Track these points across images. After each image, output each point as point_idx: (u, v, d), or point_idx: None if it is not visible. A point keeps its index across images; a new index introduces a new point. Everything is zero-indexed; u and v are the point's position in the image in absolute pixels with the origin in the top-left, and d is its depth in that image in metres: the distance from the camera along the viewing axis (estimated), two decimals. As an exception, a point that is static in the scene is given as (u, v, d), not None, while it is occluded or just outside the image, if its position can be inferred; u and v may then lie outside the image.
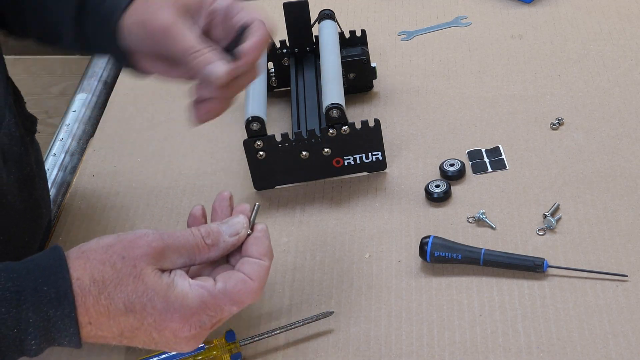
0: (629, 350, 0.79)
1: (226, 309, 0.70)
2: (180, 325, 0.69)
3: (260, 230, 0.74)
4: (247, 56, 0.77)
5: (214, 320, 0.70)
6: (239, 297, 0.71)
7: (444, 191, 0.97)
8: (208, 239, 0.72)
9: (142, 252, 0.68)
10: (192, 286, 0.69)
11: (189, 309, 0.69)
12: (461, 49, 1.22)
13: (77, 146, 1.17)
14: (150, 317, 0.68)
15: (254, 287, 0.71)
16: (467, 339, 0.83)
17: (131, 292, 0.68)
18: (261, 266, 0.72)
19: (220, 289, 0.70)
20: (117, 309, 0.68)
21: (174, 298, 0.68)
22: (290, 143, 0.98)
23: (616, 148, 1.01)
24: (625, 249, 0.89)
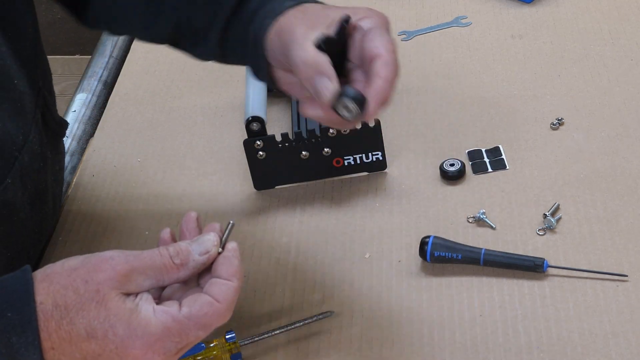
0: (629, 350, 0.79)
1: (192, 334, 0.67)
2: (143, 352, 0.66)
3: (230, 250, 0.70)
4: (369, 109, 0.75)
5: (179, 346, 0.67)
6: (204, 320, 0.67)
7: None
8: (177, 258, 0.69)
9: (106, 277, 0.66)
10: (156, 312, 0.66)
11: (151, 336, 0.66)
12: (461, 49, 1.22)
13: (77, 146, 1.17)
14: (111, 343, 0.66)
15: (220, 309, 0.67)
16: (467, 339, 0.83)
17: (93, 317, 0.65)
18: (229, 287, 0.68)
19: (185, 313, 0.67)
20: (79, 335, 0.66)
21: (137, 324, 0.66)
22: (290, 143, 0.98)
23: (616, 148, 1.01)
24: (625, 249, 0.89)
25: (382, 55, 0.75)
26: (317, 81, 0.75)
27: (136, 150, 1.12)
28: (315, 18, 0.78)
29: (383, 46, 0.75)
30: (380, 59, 0.75)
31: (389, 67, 0.75)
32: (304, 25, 0.78)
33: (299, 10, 0.81)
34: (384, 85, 0.74)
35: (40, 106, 0.90)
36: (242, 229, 0.98)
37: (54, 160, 0.95)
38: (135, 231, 0.99)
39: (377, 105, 0.74)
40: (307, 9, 0.81)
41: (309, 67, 0.75)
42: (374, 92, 0.74)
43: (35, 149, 0.87)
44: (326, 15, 0.79)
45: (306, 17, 0.79)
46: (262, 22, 0.81)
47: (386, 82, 0.74)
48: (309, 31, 0.77)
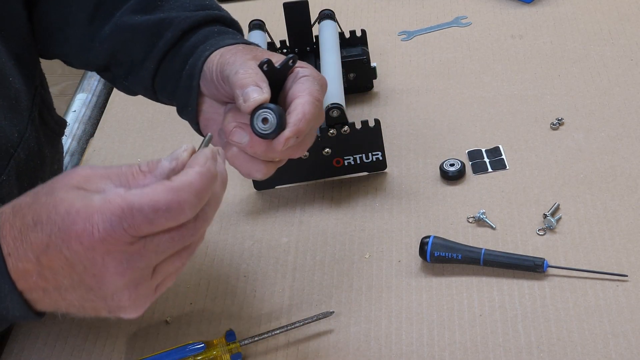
0: (629, 350, 0.79)
1: (137, 210, 0.61)
2: (82, 225, 0.61)
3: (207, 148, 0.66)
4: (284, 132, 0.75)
5: (124, 224, 0.61)
6: (152, 195, 0.61)
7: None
8: (144, 166, 0.64)
9: (64, 176, 0.64)
10: (104, 192, 0.62)
11: (90, 207, 0.61)
12: (461, 49, 1.22)
13: (77, 146, 1.17)
14: (54, 225, 0.62)
15: (172, 185, 0.61)
16: (467, 339, 0.83)
17: (41, 205, 0.63)
18: (186, 171, 0.63)
19: (132, 192, 0.62)
20: (27, 226, 0.63)
21: (80, 201, 0.62)
22: (290, 143, 0.98)
23: (616, 148, 1.01)
24: (625, 249, 0.89)
25: (304, 96, 0.76)
26: (250, 88, 0.75)
27: (136, 150, 1.12)
28: (260, 54, 0.80)
29: (307, 89, 0.76)
30: (302, 97, 0.76)
31: (307, 106, 0.75)
32: (248, 54, 0.79)
33: (243, 46, 0.83)
34: (301, 118, 0.74)
35: (37, 104, 0.91)
36: (242, 229, 0.98)
37: (53, 159, 0.95)
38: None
39: (291, 133, 0.74)
40: (252, 47, 0.83)
41: (247, 77, 0.75)
42: (290, 123, 0.74)
43: (32, 147, 0.88)
44: (270, 55, 0.81)
45: (251, 52, 0.81)
46: (202, 54, 0.83)
47: (303, 115, 0.74)
48: (253, 60, 0.78)
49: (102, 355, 0.86)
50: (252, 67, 0.77)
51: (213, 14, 0.88)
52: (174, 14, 0.88)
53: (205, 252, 0.96)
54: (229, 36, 0.86)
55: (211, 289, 0.92)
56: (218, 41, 0.84)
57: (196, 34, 0.87)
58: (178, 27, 0.86)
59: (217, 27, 0.88)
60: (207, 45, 0.84)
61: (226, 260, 0.95)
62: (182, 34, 0.86)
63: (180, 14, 0.87)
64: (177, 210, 0.61)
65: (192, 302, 0.90)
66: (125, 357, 0.86)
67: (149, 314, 0.89)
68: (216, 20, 0.89)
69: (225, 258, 0.95)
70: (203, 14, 0.87)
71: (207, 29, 0.87)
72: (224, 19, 0.89)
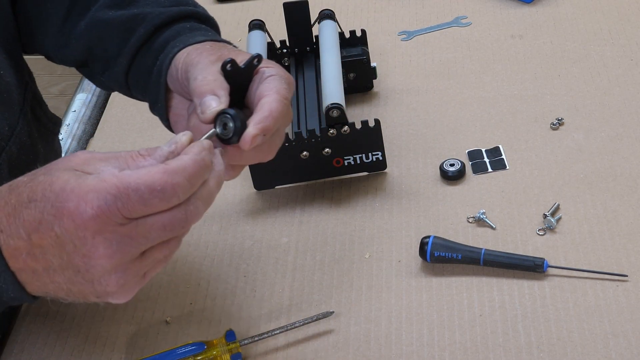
0: (629, 350, 0.79)
1: (132, 190, 0.61)
2: (76, 203, 0.61)
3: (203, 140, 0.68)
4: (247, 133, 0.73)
5: (118, 204, 0.61)
6: (147, 177, 0.62)
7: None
8: (143, 151, 0.65)
9: (63, 159, 0.65)
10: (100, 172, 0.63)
11: (85, 186, 0.61)
12: (461, 49, 1.22)
13: (77, 146, 1.17)
14: (48, 202, 0.62)
15: (167, 168, 0.63)
16: (467, 339, 0.83)
17: (37, 183, 0.64)
18: (180, 157, 0.64)
19: (126, 172, 0.62)
20: (22, 202, 0.63)
21: (74, 180, 0.62)
22: (290, 143, 0.98)
23: (616, 148, 1.01)
24: (625, 249, 0.89)
25: (271, 94, 0.74)
26: (207, 97, 0.74)
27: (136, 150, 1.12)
28: (227, 53, 0.79)
29: (275, 88, 0.75)
30: (269, 96, 0.74)
31: (275, 104, 0.74)
32: (213, 55, 0.78)
33: (212, 44, 0.81)
34: (267, 115, 0.73)
35: (28, 100, 0.91)
36: (242, 229, 0.98)
37: (48, 156, 0.95)
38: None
39: (257, 130, 0.72)
40: (221, 45, 0.82)
41: (206, 84, 0.74)
42: (255, 120, 0.73)
43: (24, 141, 0.88)
44: (238, 54, 0.79)
45: (218, 50, 0.79)
46: (171, 50, 0.82)
47: (270, 113, 0.73)
48: (217, 61, 0.77)
49: (102, 355, 0.86)
50: (211, 73, 0.75)
51: (187, 9, 0.88)
52: (148, 9, 0.87)
53: (205, 252, 0.96)
54: (200, 32, 0.85)
55: (211, 289, 0.92)
56: (188, 38, 0.83)
57: (169, 29, 0.86)
58: (151, 22, 0.86)
59: (190, 23, 0.87)
60: (177, 42, 0.83)
61: (226, 260, 0.95)
62: (155, 30, 0.86)
63: (154, 9, 0.87)
64: (171, 192, 0.62)
65: (192, 302, 0.90)
66: (125, 357, 0.86)
67: (149, 314, 0.89)
68: (190, 16, 0.88)
69: (225, 258, 0.95)
70: (176, 10, 0.87)
71: (180, 25, 0.86)
72: (198, 14, 0.89)
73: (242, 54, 0.79)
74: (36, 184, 0.64)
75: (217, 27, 0.91)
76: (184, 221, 0.64)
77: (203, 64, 0.77)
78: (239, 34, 1.31)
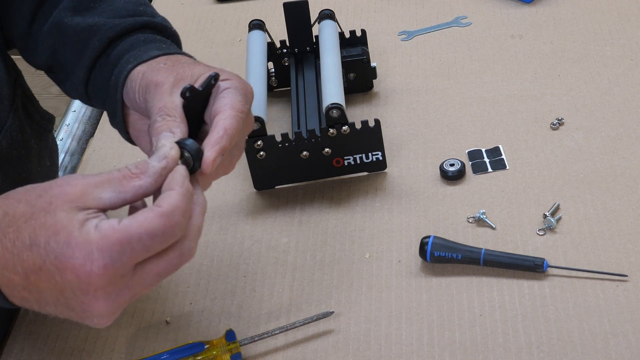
0: (629, 350, 0.79)
1: (135, 240, 0.63)
2: (82, 261, 0.63)
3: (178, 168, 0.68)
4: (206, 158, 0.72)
5: (124, 259, 0.63)
6: (147, 224, 0.63)
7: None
8: (135, 169, 0.67)
9: (60, 190, 0.65)
10: (97, 225, 0.64)
11: (89, 244, 0.63)
12: (461, 49, 1.22)
13: (77, 146, 1.17)
14: (52, 252, 0.63)
15: (163, 210, 0.64)
16: (467, 339, 0.83)
17: (39, 225, 0.64)
18: (170, 194, 0.65)
19: (125, 223, 0.64)
20: (23, 243, 0.64)
21: (78, 234, 0.63)
22: (290, 143, 0.98)
23: (616, 148, 1.01)
24: (625, 249, 0.89)
25: (226, 111, 0.73)
26: (162, 136, 0.72)
27: (136, 150, 1.11)
28: (182, 71, 0.77)
29: (229, 103, 0.74)
30: (224, 113, 0.73)
31: (230, 121, 0.73)
32: (171, 76, 0.76)
33: (168, 59, 0.80)
34: (222, 135, 0.72)
35: (19, 95, 0.91)
36: (242, 229, 0.98)
37: (41, 153, 0.95)
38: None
39: (214, 153, 0.71)
40: (177, 59, 0.80)
41: (164, 124, 0.73)
42: (211, 142, 0.72)
43: (15, 136, 0.88)
44: (194, 69, 0.77)
45: (175, 68, 0.78)
46: (125, 66, 0.80)
47: (225, 132, 0.72)
48: (175, 87, 0.75)
49: (102, 355, 0.86)
50: (170, 105, 0.73)
51: (141, 20, 0.86)
52: (103, 19, 0.86)
53: (205, 252, 0.96)
54: (155, 46, 0.83)
55: (211, 289, 0.92)
56: (142, 53, 0.81)
57: (123, 42, 0.84)
58: (105, 35, 0.84)
59: (145, 34, 0.85)
60: (131, 57, 0.81)
61: (226, 260, 0.95)
62: (109, 42, 0.84)
63: (108, 21, 0.85)
64: (170, 233, 0.65)
65: (192, 302, 0.90)
66: (125, 357, 0.86)
67: (149, 314, 0.89)
68: (146, 27, 0.86)
69: (225, 258, 0.95)
70: (131, 21, 0.85)
71: (134, 37, 0.85)
72: (154, 24, 0.87)
73: (197, 67, 0.78)
74: (38, 226, 0.64)
75: (174, 35, 0.89)
76: (178, 265, 0.67)
77: (161, 92, 0.75)
78: (239, 34, 1.31)
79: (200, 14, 1.38)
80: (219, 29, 1.34)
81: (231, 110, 0.73)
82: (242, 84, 0.77)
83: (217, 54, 1.28)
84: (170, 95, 0.74)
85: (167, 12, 1.40)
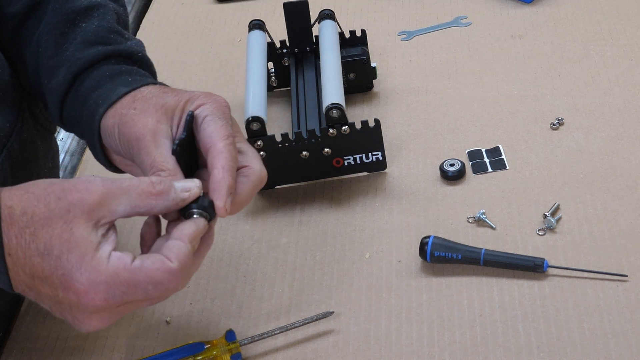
0: (629, 350, 0.79)
1: (140, 287, 0.66)
2: (85, 288, 0.65)
3: (196, 219, 0.70)
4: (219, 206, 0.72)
5: (125, 298, 0.66)
6: (155, 276, 0.66)
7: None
8: (158, 185, 0.68)
9: (79, 197, 0.66)
10: (110, 255, 0.66)
11: (99, 275, 0.66)
12: (461, 49, 1.22)
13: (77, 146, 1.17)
14: (61, 268, 0.66)
15: (172, 268, 0.67)
16: (467, 339, 0.83)
17: (56, 236, 0.65)
18: (180, 248, 0.68)
19: (137, 265, 0.66)
20: (37, 249, 0.66)
21: (90, 259, 0.66)
22: (290, 143, 0.98)
23: (616, 148, 1.01)
24: (625, 249, 0.89)
25: (215, 145, 0.73)
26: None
27: (136, 150, 1.12)
28: (154, 110, 0.75)
29: (215, 134, 0.74)
30: (214, 148, 0.73)
31: (223, 155, 0.73)
32: (146, 126, 0.74)
33: (137, 98, 0.77)
34: (223, 175, 0.72)
35: (26, 97, 0.91)
36: (242, 229, 0.98)
37: (46, 155, 0.95)
38: (135, 230, 0.99)
39: (224, 197, 0.71)
40: (145, 96, 0.77)
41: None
42: (216, 186, 0.72)
43: (26, 138, 0.88)
44: (165, 104, 0.76)
45: (146, 109, 0.76)
46: (96, 109, 0.79)
47: (224, 170, 0.72)
48: (157, 133, 0.74)
49: (102, 355, 0.86)
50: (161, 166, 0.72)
51: (105, 50, 0.83)
52: (70, 50, 0.84)
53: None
54: (121, 80, 0.81)
55: (211, 289, 0.92)
56: (108, 92, 0.79)
57: (89, 76, 0.82)
58: (69, 70, 0.83)
59: (110, 67, 0.83)
60: (99, 98, 0.79)
61: (226, 260, 0.95)
62: (74, 77, 0.83)
63: (73, 54, 0.83)
64: (173, 288, 0.68)
65: (192, 302, 0.90)
66: (125, 357, 0.86)
67: (149, 314, 0.89)
68: (110, 56, 0.84)
69: (225, 258, 0.95)
70: (94, 53, 0.83)
71: (100, 71, 0.82)
72: (119, 52, 0.84)
73: (167, 98, 0.76)
74: (55, 236, 0.66)
75: (142, 60, 0.86)
76: (170, 295, 0.70)
77: (146, 147, 0.73)
78: (239, 34, 1.31)
79: (200, 14, 1.38)
80: (219, 29, 1.34)
81: (219, 143, 0.73)
82: (217, 103, 0.76)
83: (217, 54, 1.28)
84: (156, 148, 0.73)
85: (167, 12, 1.40)
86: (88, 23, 0.86)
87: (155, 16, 1.39)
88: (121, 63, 0.84)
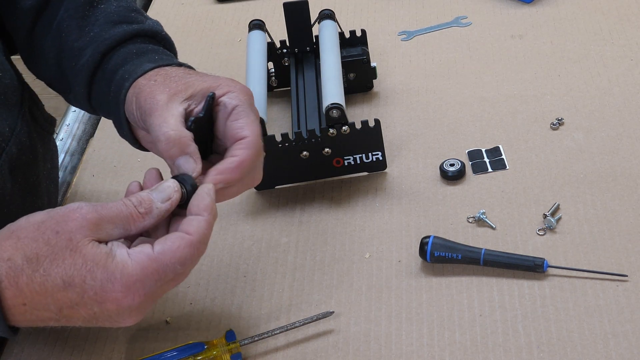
0: (629, 350, 0.79)
1: (169, 269, 0.68)
2: (123, 294, 0.67)
3: (204, 188, 0.72)
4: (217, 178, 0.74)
5: (159, 284, 0.68)
6: (179, 253, 0.68)
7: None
8: (141, 207, 0.70)
9: (77, 225, 0.67)
10: (130, 254, 0.67)
11: (130, 276, 0.67)
12: (461, 49, 1.22)
13: (77, 146, 1.17)
14: (90, 289, 0.66)
15: (193, 240, 0.69)
16: (467, 339, 0.83)
17: (69, 266, 0.66)
18: (199, 221, 0.70)
19: (159, 250, 0.68)
20: (55, 285, 0.66)
21: (114, 267, 0.66)
22: (290, 143, 0.98)
23: (616, 148, 1.01)
24: (625, 249, 0.89)
25: (247, 137, 0.75)
26: (181, 161, 0.74)
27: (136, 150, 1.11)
28: (176, 86, 0.77)
29: (248, 127, 0.76)
30: (245, 139, 0.75)
31: (249, 150, 0.75)
32: (165, 93, 0.76)
33: (159, 74, 0.79)
34: (234, 167, 0.74)
35: (26, 100, 0.91)
36: (242, 229, 0.98)
37: (45, 156, 0.95)
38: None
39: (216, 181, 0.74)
40: (168, 74, 0.79)
41: (172, 145, 0.74)
42: (219, 170, 0.74)
43: (24, 142, 0.88)
44: (187, 83, 0.77)
45: (167, 84, 0.77)
46: (122, 83, 0.80)
47: (240, 162, 0.75)
48: (171, 102, 0.75)
49: (102, 355, 0.86)
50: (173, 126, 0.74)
51: (131, 29, 0.85)
52: (95, 30, 0.85)
53: (205, 252, 0.95)
54: (147, 57, 0.83)
55: (211, 289, 0.92)
56: (135, 67, 0.81)
57: (116, 54, 0.84)
58: (97, 50, 0.84)
59: (137, 45, 0.85)
60: (125, 73, 0.81)
61: (226, 260, 0.95)
62: (102, 56, 0.84)
63: (99, 34, 0.85)
64: (197, 260, 0.70)
65: (192, 302, 0.90)
66: (125, 357, 0.86)
67: (149, 314, 0.89)
68: (137, 35, 0.86)
69: (225, 258, 0.95)
70: (121, 32, 0.85)
71: (127, 49, 0.84)
72: (144, 32, 0.87)
73: (190, 79, 0.77)
74: (68, 266, 0.66)
75: (166, 39, 0.89)
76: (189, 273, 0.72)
77: (158, 112, 0.75)
78: (239, 34, 1.31)
79: (200, 14, 1.38)
80: (219, 29, 1.34)
81: (251, 137, 0.75)
82: (245, 94, 0.78)
83: (217, 54, 1.28)
84: (168, 115, 0.75)
85: (167, 12, 1.40)
86: (107, 4, 0.88)
87: (155, 16, 1.38)
88: (147, 42, 0.86)
